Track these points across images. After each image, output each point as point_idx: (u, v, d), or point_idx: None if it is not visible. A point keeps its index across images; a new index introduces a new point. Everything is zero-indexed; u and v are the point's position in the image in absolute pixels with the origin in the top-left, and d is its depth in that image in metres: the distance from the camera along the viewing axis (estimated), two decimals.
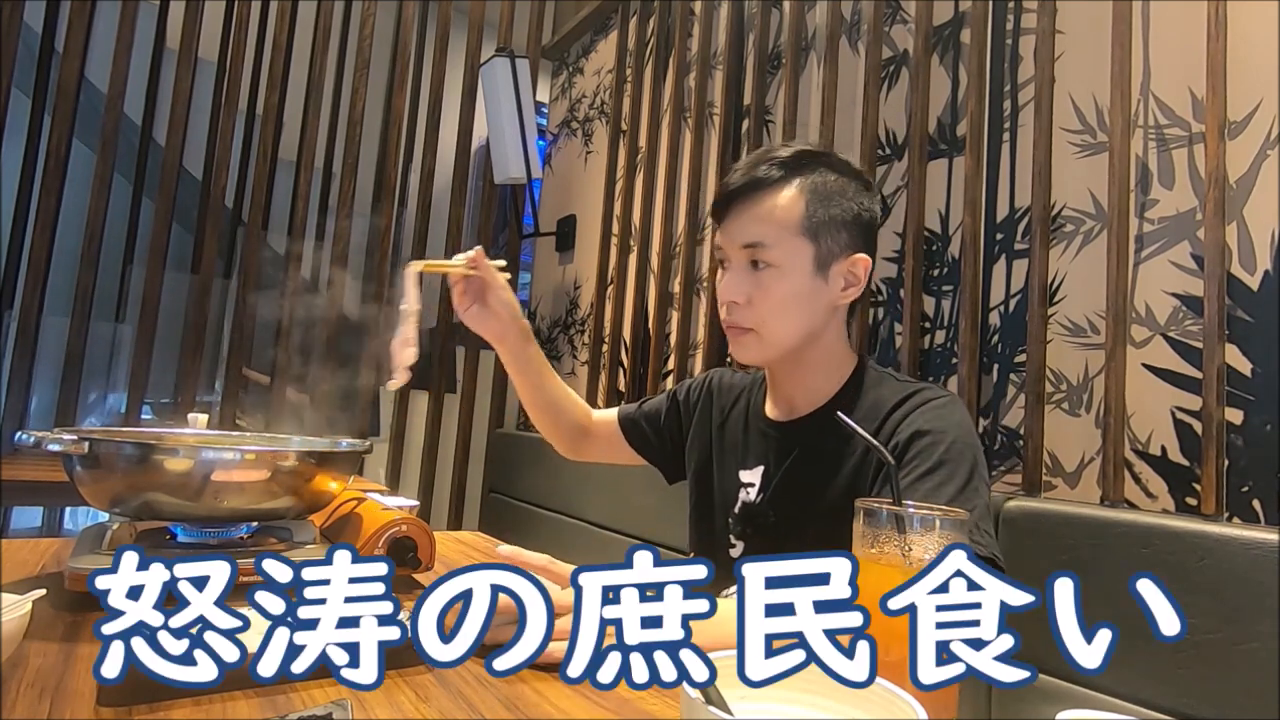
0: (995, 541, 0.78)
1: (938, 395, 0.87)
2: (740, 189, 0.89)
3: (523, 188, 2.55)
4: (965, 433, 0.82)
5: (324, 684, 0.57)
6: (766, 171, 0.88)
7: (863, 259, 0.90)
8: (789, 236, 0.87)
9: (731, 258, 0.90)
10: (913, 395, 0.88)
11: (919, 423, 0.83)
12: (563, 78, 2.89)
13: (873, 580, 0.56)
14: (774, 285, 0.87)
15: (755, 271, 0.88)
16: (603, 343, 2.31)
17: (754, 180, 0.88)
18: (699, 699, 0.43)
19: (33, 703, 0.51)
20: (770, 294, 0.87)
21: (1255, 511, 0.95)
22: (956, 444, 0.80)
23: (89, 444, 0.75)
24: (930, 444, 0.80)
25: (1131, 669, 0.87)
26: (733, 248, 0.90)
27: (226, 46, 2.72)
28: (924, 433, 0.82)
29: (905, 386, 0.90)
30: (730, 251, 0.90)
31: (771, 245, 0.87)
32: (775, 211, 0.87)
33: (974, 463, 0.80)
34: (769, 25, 1.85)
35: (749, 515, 0.96)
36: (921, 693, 0.45)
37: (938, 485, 0.77)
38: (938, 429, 0.81)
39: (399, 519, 0.88)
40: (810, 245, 0.87)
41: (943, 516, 0.54)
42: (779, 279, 0.87)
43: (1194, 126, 1.05)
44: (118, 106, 2.26)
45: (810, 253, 0.87)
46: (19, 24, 2.19)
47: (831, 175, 0.89)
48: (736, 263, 0.90)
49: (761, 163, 0.89)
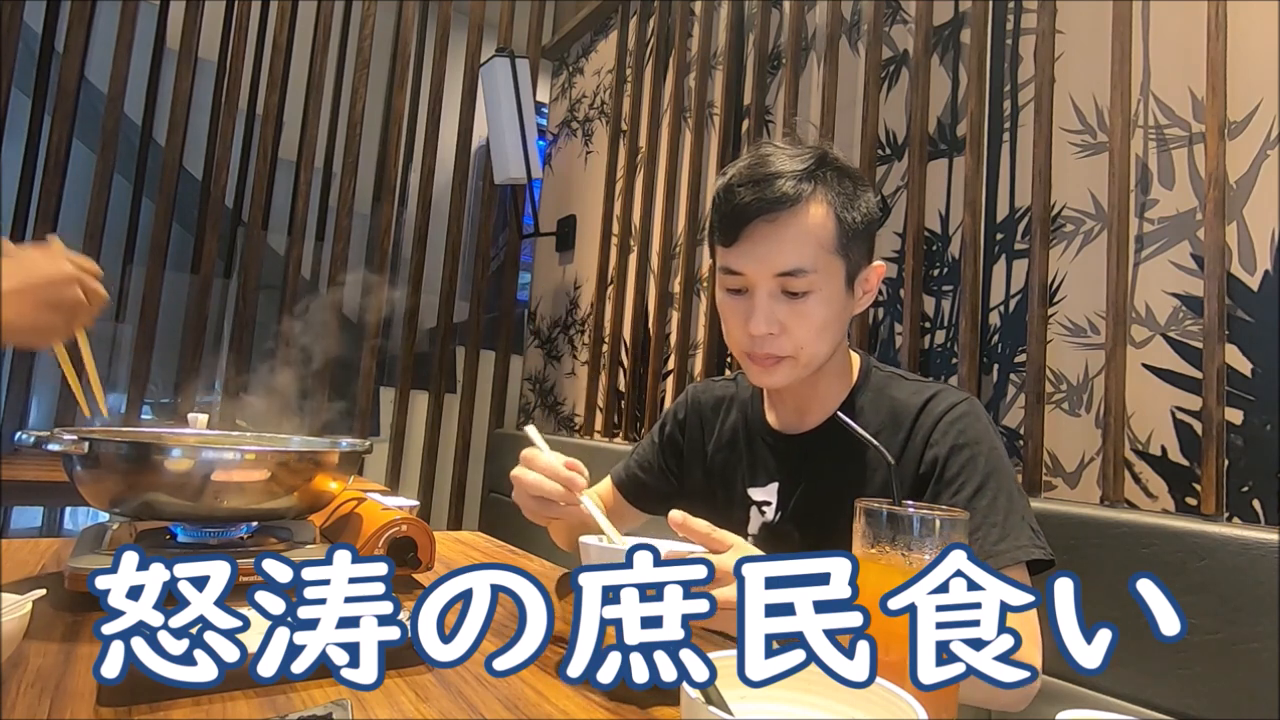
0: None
1: (957, 399, 0.84)
2: (762, 207, 0.79)
3: (523, 188, 2.55)
4: (993, 436, 0.82)
5: (324, 684, 0.57)
6: (793, 187, 0.79)
7: (878, 267, 0.87)
8: (826, 257, 0.80)
9: (758, 285, 0.81)
10: (932, 399, 0.85)
11: (952, 436, 0.81)
12: (563, 78, 2.89)
13: (873, 580, 0.56)
14: (815, 311, 0.80)
15: (790, 299, 0.80)
16: (603, 343, 2.31)
17: (780, 197, 0.78)
18: (699, 699, 0.43)
19: (33, 703, 0.51)
20: (811, 321, 0.80)
21: (1255, 511, 0.95)
22: (994, 452, 0.80)
23: (89, 444, 0.75)
24: (970, 459, 0.79)
25: (1131, 669, 0.87)
26: (761, 275, 0.80)
27: (226, 46, 2.72)
28: (960, 447, 0.80)
29: (919, 388, 0.87)
30: (756, 279, 0.80)
31: (811, 271, 0.79)
32: (810, 231, 0.79)
33: (1009, 466, 0.82)
34: (769, 25, 1.85)
35: (772, 536, 0.90)
36: (921, 693, 0.45)
37: (992, 500, 0.78)
38: (971, 439, 0.81)
39: (399, 519, 0.88)
40: (843, 262, 0.81)
41: (943, 516, 0.54)
42: (820, 305, 0.80)
43: (1194, 126, 1.05)
44: (118, 106, 2.26)
45: (843, 270, 0.82)
46: (19, 24, 2.19)
47: (845, 179, 0.83)
48: (765, 290, 0.80)
49: (777, 175, 0.79)
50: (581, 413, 2.39)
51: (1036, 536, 0.77)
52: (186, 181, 2.56)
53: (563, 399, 2.56)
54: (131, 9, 2.30)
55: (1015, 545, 0.75)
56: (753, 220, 0.79)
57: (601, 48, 2.62)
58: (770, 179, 0.79)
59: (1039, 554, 0.75)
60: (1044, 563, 0.76)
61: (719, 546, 0.67)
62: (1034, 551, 0.75)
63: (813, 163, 0.81)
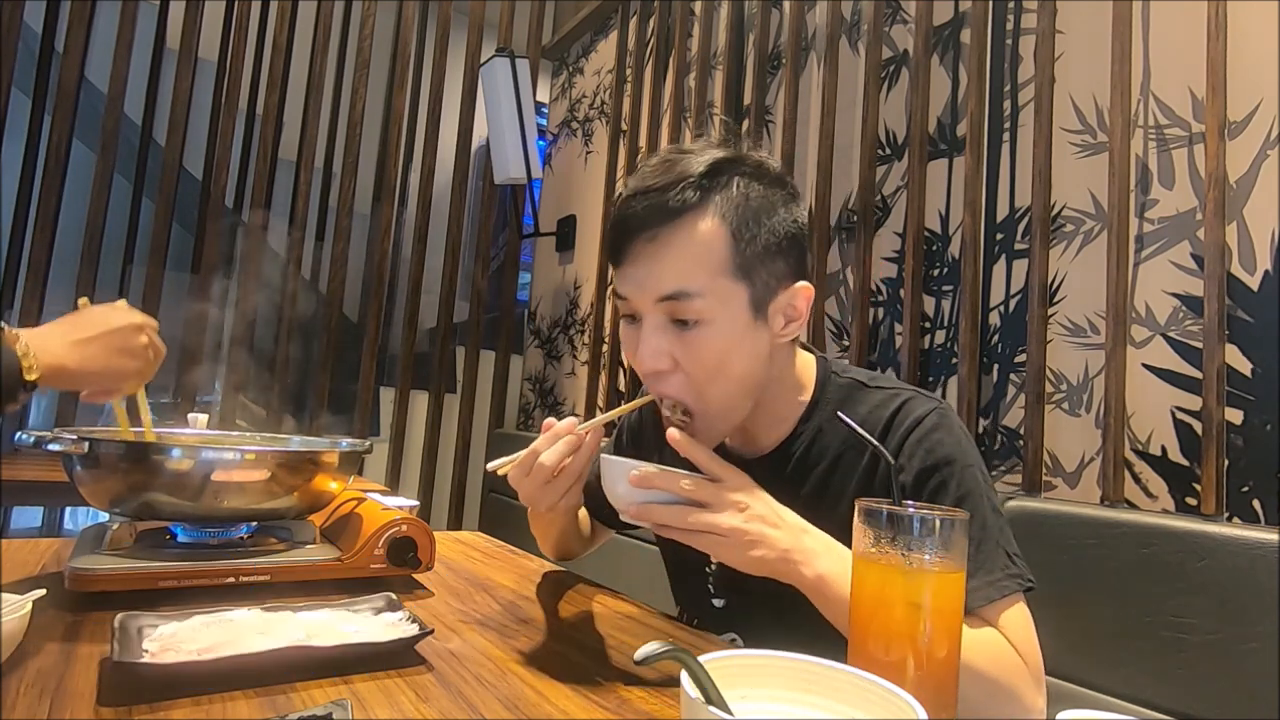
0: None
1: (924, 410, 0.76)
2: (643, 223, 0.70)
3: (523, 188, 2.55)
4: (965, 450, 0.75)
5: (324, 684, 0.57)
6: (678, 199, 0.69)
7: (803, 289, 0.74)
8: (716, 280, 0.69)
9: (644, 312, 0.71)
10: (898, 412, 0.77)
11: (920, 457, 0.74)
12: (563, 78, 2.89)
13: (873, 580, 0.56)
14: (707, 344, 0.70)
15: (680, 329, 0.70)
16: (603, 343, 2.31)
17: (660, 209, 0.69)
18: (699, 699, 0.43)
19: (33, 703, 0.51)
20: (701, 355, 0.70)
21: (1255, 511, 0.95)
22: (967, 470, 0.73)
23: (89, 444, 0.75)
24: (940, 484, 0.73)
25: (1131, 669, 0.87)
26: (644, 301, 0.71)
27: (226, 46, 2.72)
28: (930, 470, 0.73)
29: (883, 399, 0.79)
30: (640, 305, 0.71)
31: (696, 295, 0.68)
32: (694, 250, 0.69)
33: (984, 481, 0.75)
34: (769, 25, 1.85)
35: (734, 575, 0.72)
36: (921, 693, 0.45)
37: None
38: (941, 459, 0.73)
39: (399, 519, 0.88)
40: (743, 286, 0.70)
41: (943, 516, 0.54)
42: (714, 336, 0.70)
43: (1194, 126, 1.05)
44: (118, 106, 2.27)
45: (745, 296, 0.70)
46: (19, 24, 2.19)
47: (755, 186, 0.71)
48: (650, 320, 0.71)
49: (667, 186, 0.69)
50: (581, 413, 2.39)
51: (1013, 562, 0.71)
52: (186, 181, 2.56)
53: (563, 399, 2.56)
54: (131, 9, 2.30)
55: (987, 582, 0.69)
56: (634, 238, 0.70)
57: (601, 48, 2.62)
58: (659, 189, 0.70)
59: (1014, 586, 0.69)
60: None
61: (718, 475, 0.68)
62: (1007, 586, 0.69)
63: (708, 169, 0.70)
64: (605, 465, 0.70)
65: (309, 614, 0.67)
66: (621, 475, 0.67)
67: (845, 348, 1.52)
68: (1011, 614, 0.69)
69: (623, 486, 0.67)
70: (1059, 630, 0.94)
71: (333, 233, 2.55)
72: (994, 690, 0.64)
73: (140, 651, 0.56)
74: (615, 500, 0.69)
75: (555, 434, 0.73)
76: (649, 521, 0.67)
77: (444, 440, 2.65)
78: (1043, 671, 0.69)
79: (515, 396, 2.87)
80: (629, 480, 0.66)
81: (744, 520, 0.66)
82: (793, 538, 0.67)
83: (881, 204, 1.49)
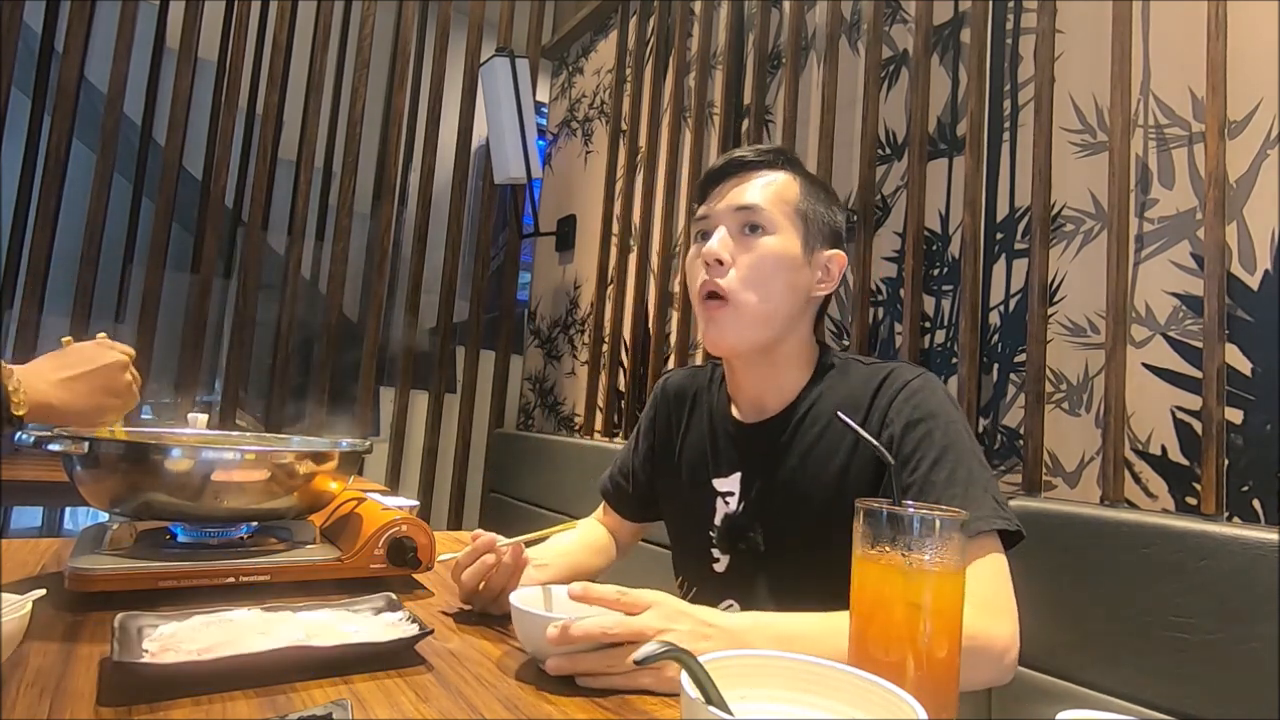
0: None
1: (911, 375, 0.86)
2: (734, 166, 0.91)
3: (523, 187, 2.55)
4: (950, 408, 0.82)
5: (324, 684, 0.57)
6: (759, 155, 0.91)
7: (839, 255, 0.92)
8: (785, 209, 0.88)
9: (722, 222, 0.89)
10: (886, 379, 0.86)
11: (906, 413, 0.82)
12: (563, 78, 2.89)
13: (873, 580, 0.56)
14: (762, 248, 0.86)
15: (746, 235, 0.87)
16: (603, 343, 2.31)
17: (749, 160, 0.91)
18: (699, 699, 0.43)
19: (33, 703, 0.51)
20: (760, 255, 0.86)
21: (1255, 511, 0.95)
22: (952, 425, 0.80)
23: (89, 444, 0.75)
24: (926, 433, 0.79)
25: (1131, 669, 0.87)
26: (725, 213, 0.89)
27: (226, 46, 2.72)
28: (915, 422, 0.81)
29: (873, 370, 0.89)
30: (721, 217, 0.89)
31: (767, 211, 0.87)
32: (773, 185, 0.89)
33: (969, 437, 0.81)
34: (769, 25, 1.85)
35: (732, 528, 0.92)
36: (921, 693, 0.45)
37: (950, 473, 0.76)
38: (926, 413, 0.81)
39: (399, 519, 0.88)
40: (801, 225, 0.88)
41: (943, 516, 0.54)
42: (769, 244, 0.86)
43: (1194, 126, 1.05)
44: (118, 106, 2.26)
45: (801, 232, 0.88)
46: (19, 24, 2.19)
47: (815, 182, 0.92)
48: (726, 226, 0.88)
49: (754, 152, 0.92)
50: (581, 413, 2.39)
51: (1001, 508, 0.75)
52: (186, 181, 2.56)
53: (563, 399, 2.56)
54: (131, 9, 2.30)
55: (977, 516, 0.73)
56: (726, 179, 0.91)
57: (601, 47, 2.62)
58: (743, 156, 0.92)
59: (1002, 525, 0.74)
60: (1014, 536, 0.76)
61: (631, 609, 0.64)
62: (996, 522, 0.74)
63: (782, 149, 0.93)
64: (518, 619, 0.65)
65: (309, 614, 0.67)
66: (537, 632, 0.62)
67: (845, 347, 1.52)
68: (986, 559, 0.73)
69: (540, 644, 0.63)
70: (1059, 630, 0.94)
71: (333, 232, 2.55)
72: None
73: (140, 651, 0.56)
74: (535, 655, 0.65)
75: (475, 551, 0.79)
76: (577, 673, 0.62)
77: (444, 440, 2.65)
78: (1013, 611, 0.72)
79: (515, 396, 2.87)
80: (546, 639, 0.61)
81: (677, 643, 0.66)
82: (730, 638, 0.64)
83: (881, 203, 1.49)
